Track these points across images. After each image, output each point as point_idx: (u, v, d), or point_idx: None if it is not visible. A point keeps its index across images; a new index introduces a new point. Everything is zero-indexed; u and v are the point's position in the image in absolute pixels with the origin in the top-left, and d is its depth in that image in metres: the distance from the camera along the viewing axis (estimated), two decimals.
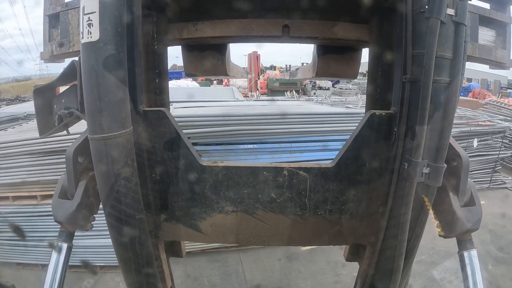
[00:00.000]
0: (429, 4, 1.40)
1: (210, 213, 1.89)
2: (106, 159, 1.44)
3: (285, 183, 1.80)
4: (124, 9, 1.39)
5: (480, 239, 5.09)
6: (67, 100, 1.78)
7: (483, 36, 2.05)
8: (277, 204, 1.84)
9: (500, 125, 9.25)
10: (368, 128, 1.72)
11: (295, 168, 1.79)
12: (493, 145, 8.93)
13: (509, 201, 8.16)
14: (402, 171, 1.57)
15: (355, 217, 1.89)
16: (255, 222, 1.90)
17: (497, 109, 12.32)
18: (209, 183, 1.81)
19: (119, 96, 1.40)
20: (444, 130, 1.46)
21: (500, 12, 2.09)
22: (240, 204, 1.86)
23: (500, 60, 2.07)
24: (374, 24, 1.92)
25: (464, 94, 25.06)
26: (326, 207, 1.85)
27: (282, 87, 23.37)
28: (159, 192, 1.86)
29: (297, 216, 1.87)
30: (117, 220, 1.57)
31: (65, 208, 1.67)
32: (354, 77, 2.45)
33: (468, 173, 1.66)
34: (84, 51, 1.37)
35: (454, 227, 1.69)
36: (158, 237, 2.01)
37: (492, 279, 4.70)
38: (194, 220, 1.91)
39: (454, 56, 1.42)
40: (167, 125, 1.73)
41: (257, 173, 1.80)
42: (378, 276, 1.86)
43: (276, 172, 1.80)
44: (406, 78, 1.52)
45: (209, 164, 1.80)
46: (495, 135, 9.01)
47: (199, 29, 1.96)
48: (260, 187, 1.82)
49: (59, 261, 1.71)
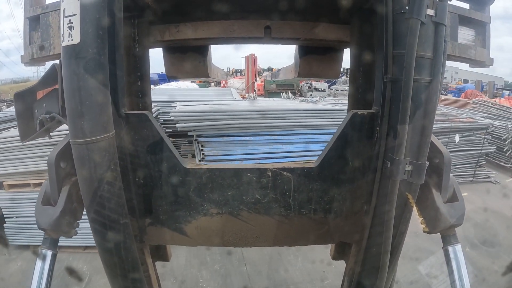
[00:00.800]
0: (409, 5, 1.42)
1: (195, 216, 1.88)
2: (88, 163, 1.41)
3: (269, 184, 1.81)
4: (105, 11, 1.36)
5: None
6: (48, 104, 1.74)
7: (463, 36, 2.08)
8: (261, 205, 1.85)
9: (482, 121, 9.68)
10: (351, 128, 1.74)
11: (279, 169, 1.80)
12: (476, 141, 9.31)
13: (491, 193, 8.47)
14: (385, 169, 1.59)
15: (340, 216, 1.91)
16: (240, 224, 1.90)
17: (484, 108, 12.87)
18: (193, 185, 1.81)
19: (100, 100, 1.37)
20: (426, 128, 1.48)
21: (479, 12, 2.14)
22: (224, 206, 1.86)
23: (479, 58, 2.11)
24: (355, 25, 1.94)
25: (457, 94, 25.57)
26: (310, 207, 1.86)
27: (279, 88, 23.91)
28: (143, 196, 1.84)
29: (282, 216, 1.88)
30: (101, 225, 1.54)
31: (49, 214, 1.63)
32: (335, 77, 2.47)
33: (450, 170, 1.69)
34: (65, 54, 1.34)
35: (438, 223, 1.72)
36: (143, 242, 1.99)
37: (477, 272, 4.84)
38: (179, 224, 1.90)
39: (434, 56, 1.44)
40: (150, 128, 1.71)
41: (241, 174, 1.80)
42: (365, 273, 1.89)
43: (259, 173, 1.80)
44: (387, 78, 1.54)
45: (193, 167, 1.79)
46: (478, 131, 9.40)
47: (180, 31, 1.95)
48: (244, 189, 1.82)
49: (44, 269, 1.68)
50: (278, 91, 22.70)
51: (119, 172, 1.53)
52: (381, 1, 1.56)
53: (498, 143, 10.27)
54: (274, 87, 24.32)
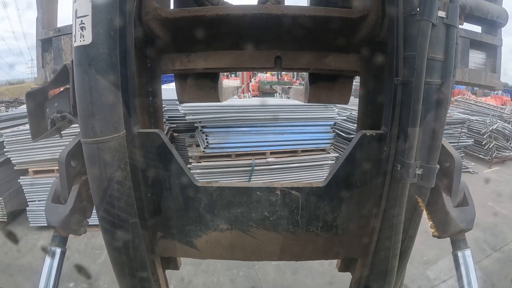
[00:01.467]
0: (420, 7, 1.41)
1: (205, 230, 1.91)
2: (99, 163, 1.43)
3: (278, 202, 1.83)
4: (116, 12, 1.38)
5: None
6: (60, 104, 1.76)
7: (474, 59, 2.09)
8: (270, 222, 1.87)
9: (457, 116, 10.92)
10: (359, 149, 1.75)
11: (288, 188, 1.82)
12: (454, 135, 10.45)
13: (467, 182, 8.64)
14: (395, 173, 1.57)
15: (346, 232, 1.93)
16: (249, 239, 1.92)
17: (467, 105, 14.10)
18: (204, 202, 1.84)
19: (111, 100, 1.39)
20: (436, 131, 1.46)
21: (491, 35, 2.14)
22: (234, 222, 1.88)
23: (489, 84, 2.11)
24: (364, 56, 1.94)
25: None
26: (318, 224, 1.88)
27: (272, 89, 23.83)
28: (156, 211, 1.87)
29: (290, 232, 1.91)
30: (110, 224, 1.56)
31: (58, 212, 1.65)
32: (345, 103, 2.47)
33: (461, 174, 1.67)
34: (77, 54, 1.36)
35: (448, 228, 1.70)
36: (154, 253, 2.03)
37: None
38: (189, 238, 1.93)
39: (446, 58, 1.43)
40: (162, 146, 1.74)
41: (251, 193, 1.83)
42: (373, 277, 1.87)
43: (269, 192, 1.83)
44: (398, 80, 1.53)
45: (204, 185, 1.82)
46: (455, 125, 10.59)
47: (192, 61, 1.97)
48: (254, 206, 1.84)
49: (53, 266, 1.69)
50: (272, 92, 22.79)
51: (129, 171, 1.54)
52: (392, 31, 1.57)
53: (476, 137, 11.41)
54: (269, 87, 24.35)
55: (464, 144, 10.77)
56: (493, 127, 11.30)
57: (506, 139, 11.54)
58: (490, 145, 11.07)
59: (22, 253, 5.49)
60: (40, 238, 6.08)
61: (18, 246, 5.77)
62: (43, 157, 6.17)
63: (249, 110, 7.25)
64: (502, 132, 11.42)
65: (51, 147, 6.01)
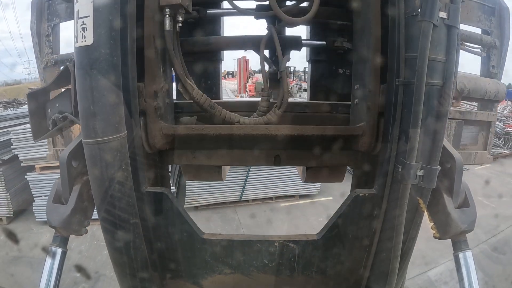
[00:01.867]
0: (421, 8, 1.40)
1: (211, 273, 2.04)
2: (100, 163, 1.43)
3: (276, 252, 1.96)
4: (118, 13, 1.38)
5: None
6: (61, 104, 1.77)
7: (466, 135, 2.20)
8: (269, 268, 2.00)
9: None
10: (352, 207, 1.83)
11: (285, 241, 1.95)
12: None
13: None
14: (396, 174, 1.57)
15: (340, 275, 2.05)
16: (250, 281, 2.06)
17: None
18: (209, 252, 1.97)
19: (113, 100, 1.39)
20: (438, 132, 1.46)
21: (486, 112, 2.22)
22: (237, 267, 2.01)
23: (478, 162, 2.21)
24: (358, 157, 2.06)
25: None
26: (313, 269, 2.03)
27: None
28: (165, 257, 2.00)
29: (287, 276, 2.04)
30: (111, 224, 1.56)
31: (60, 212, 1.65)
32: (340, 181, 2.61)
33: (462, 175, 1.66)
34: (78, 54, 1.37)
35: (449, 229, 1.69)
36: None
37: None
38: (196, 279, 2.06)
39: (447, 59, 1.43)
40: (169, 204, 1.83)
41: (252, 245, 1.96)
42: (374, 278, 1.87)
43: (268, 244, 1.95)
44: (399, 81, 1.53)
45: (209, 237, 1.93)
46: None
47: (196, 157, 2.13)
48: (254, 256, 1.98)
49: (54, 266, 1.70)
50: None
51: (130, 172, 1.54)
52: (393, 32, 1.60)
53: None
54: None
55: None
56: None
57: (498, 137, 11.99)
58: None
59: (30, 246, 5.64)
60: (46, 232, 6.26)
61: (25, 240, 5.95)
62: (50, 152, 6.19)
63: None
64: None
65: None
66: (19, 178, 6.75)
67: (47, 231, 6.18)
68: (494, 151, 11.66)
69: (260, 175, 7.67)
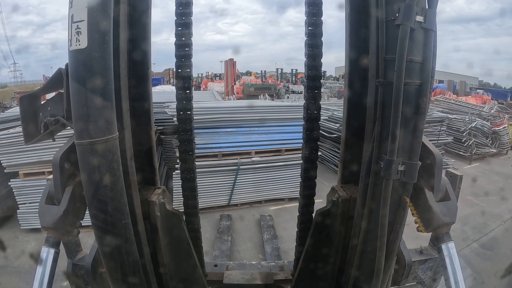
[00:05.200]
0: (399, 12, 1.49)
1: None
2: (92, 164, 1.47)
3: None
4: (110, 17, 1.43)
5: None
6: (53, 108, 1.78)
7: None
8: None
9: (436, 115, 11.37)
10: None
11: None
12: (434, 133, 10.82)
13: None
14: (378, 170, 1.64)
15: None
16: None
17: (447, 104, 15.09)
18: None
19: (105, 102, 1.43)
20: (417, 129, 1.54)
21: None
22: None
23: None
24: None
25: None
26: None
27: (257, 91, 24.69)
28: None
29: None
30: (103, 224, 1.59)
31: (52, 213, 1.67)
32: None
33: (442, 170, 1.74)
34: (73, 58, 1.41)
35: (432, 222, 1.76)
36: None
37: None
38: None
39: (424, 60, 1.51)
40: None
41: None
42: (359, 274, 1.93)
43: None
44: (379, 82, 1.61)
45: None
46: (434, 123, 10.98)
47: None
48: None
49: (46, 267, 1.70)
50: (256, 94, 23.50)
51: (121, 172, 1.58)
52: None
53: (456, 134, 12.05)
54: (253, 90, 25.10)
55: (444, 141, 11.27)
56: (472, 125, 11.92)
57: (486, 136, 12.19)
58: (470, 142, 11.73)
59: (16, 255, 5.51)
60: (31, 240, 6.16)
61: (11, 249, 5.81)
62: (34, 159, 6.19)
63: (235, 111, 7.75)
64: (481, 130, 12.11)
65: (42, 150, 6.08)
66: (4, 184, 6.56)
67: (33, 239, 6.14)
68: (482, 150, 12.01)
69: (248, 179, 7.66)
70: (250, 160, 7.48)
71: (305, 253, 2.44)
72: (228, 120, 7.51)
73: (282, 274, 2.84)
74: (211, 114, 7.40)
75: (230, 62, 26.69)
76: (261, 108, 8.07)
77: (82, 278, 2.27)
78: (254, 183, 7.73)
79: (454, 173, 2.44)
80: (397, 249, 1.85)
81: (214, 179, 7.41)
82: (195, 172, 2.55)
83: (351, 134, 2.23)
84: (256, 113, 7.80)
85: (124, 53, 1.69)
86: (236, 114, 7.64)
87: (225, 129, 7.49)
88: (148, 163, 2.13)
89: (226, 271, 2.87)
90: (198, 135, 7.07)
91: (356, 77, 2.08)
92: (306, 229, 2.52)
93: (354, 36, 2.10)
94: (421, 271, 2.37)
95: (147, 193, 2.17)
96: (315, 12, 2.24)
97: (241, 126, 7.58)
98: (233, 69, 26.96)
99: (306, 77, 2.36)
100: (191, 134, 2.47)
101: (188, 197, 2.55)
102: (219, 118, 7.41)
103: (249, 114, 7.69)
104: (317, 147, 2.47)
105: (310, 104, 2.37)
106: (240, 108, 8.03)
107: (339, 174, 2.40)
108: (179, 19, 2.23)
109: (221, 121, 7.44)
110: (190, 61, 2.29)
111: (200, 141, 7.12)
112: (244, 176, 7.56)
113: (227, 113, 7.61)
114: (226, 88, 25.64)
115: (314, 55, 2.30)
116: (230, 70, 26.39)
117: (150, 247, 2.13)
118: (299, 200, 2.61)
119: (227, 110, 7.76)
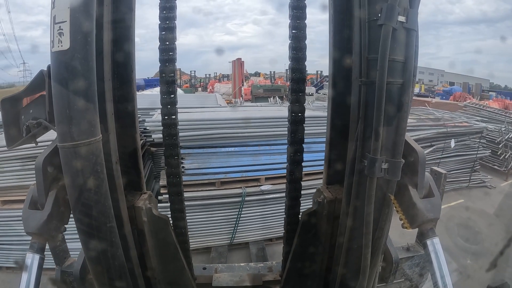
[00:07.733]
0: (381, 12, 1.51)
1: None
2: (75, 167, 1.45)
3: None
4: (93, 18, 1.42)
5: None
6: (35, 111, 1.76)
7: None
8: None
9: (477, 125, 9.46)
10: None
11: None
12: (471, 145, 9.12)
13: (487, 199, 8.31)
14: (362, 169, 1.66)
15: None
16: None
17: (476, 110, 12.72)
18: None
19: (88, 104, 1.42)
20: (400, 127, 1.57)
21: None
22: None
23: None
24: None
25: (446, 97, 25.85)
26: None
27: (266, 93, 23.51)
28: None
29: None
30: (88, 228, 1.57)
31: (36, 218, 1.64)
32: None
33: (425, 167, 1.77)
34: (55, 59, 1.39)
35: (416, 218, 1.78)
36: None
37: None
38: None
39: (406, 59, 1.54)
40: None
41: None
42: (346, 272, 1.96)
43: None
44: (362, 81, 1.64)
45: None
46: (473, 135, 9.20)
47: None
48: None
49: (31, 274, 1.67)
50: (265, 96, 22.35)
51: (105, 175, 1.56)
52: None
53: (491, 146, 10.13)
54: (261, 92, 24.04)
55: (481, 155, 9.46)
56: (509, 136, 10.18)
57: None
58: (506, 155, 10.05)
59: None
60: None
61: None
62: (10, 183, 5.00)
63: (236, 125, 5.76)
64: None
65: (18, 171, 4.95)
66: None
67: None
68: None
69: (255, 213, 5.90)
70: (258, 190, 5.61)
71: (292, 253, 2.47)
72: (229, 137, 5.68)
73: (270, 275, 2.87)
74: (207, 129, 5.64)
75: (237, 62, 24.77)
76: (273, 120, 5.99)
77: (70, 285, 2.24)
78: (262, 217, 5.92)
79: (438, 171, 2.48)
80: (383, 247, 1.88)
81: (210, 216, 5.63)
82: (181, 176, 2.54)
83: (335, 134, 2.25)
84: (267, 127, 5.86)
85: (108, 55, 1.67)
86: (239, 128, 5.74)
87: (226, 148, 5.71)
88: (133, 167, 2.11)
89: (215, 273, 2.88)
90: (188, 156, 5.53)
91: (340, 77, 2.11)
92: (293, 230, 2.54)
93: (337, 36, 2.13)
94: (408, 267, 2.40)
95: (133, 199, 2.16)
96: (299, 15, 2.26)
97: (247, 144, 5.76)
98: (241, 69, 25.19)
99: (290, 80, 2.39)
100: (176, 139, 2.48)
101: (174, 201, 2.56)
102: (217, 134, 5.63)
103: (257, 129, 5.81)
104: (302, 149, 2.50)
105: (294, 107, 2.44)
106: (245, 121, 5.93)
107: (324, 174, 2.43)
108: (163, 23, 2.22)
109: (221, 137, 5.66)
110: (174, 65, 2.29)
111: (190, 165, 5.49)
112: (251, 211, 5.83)
113: (228, 127, 5.71)
114: (233, 89, 24.06)
115: (297, 58, 2.33)
116: (238, 70, 24.42)
117: (138, 251, 2.11)
118: (285, 201, 2.63)
119: (228, 123, 5.79)
